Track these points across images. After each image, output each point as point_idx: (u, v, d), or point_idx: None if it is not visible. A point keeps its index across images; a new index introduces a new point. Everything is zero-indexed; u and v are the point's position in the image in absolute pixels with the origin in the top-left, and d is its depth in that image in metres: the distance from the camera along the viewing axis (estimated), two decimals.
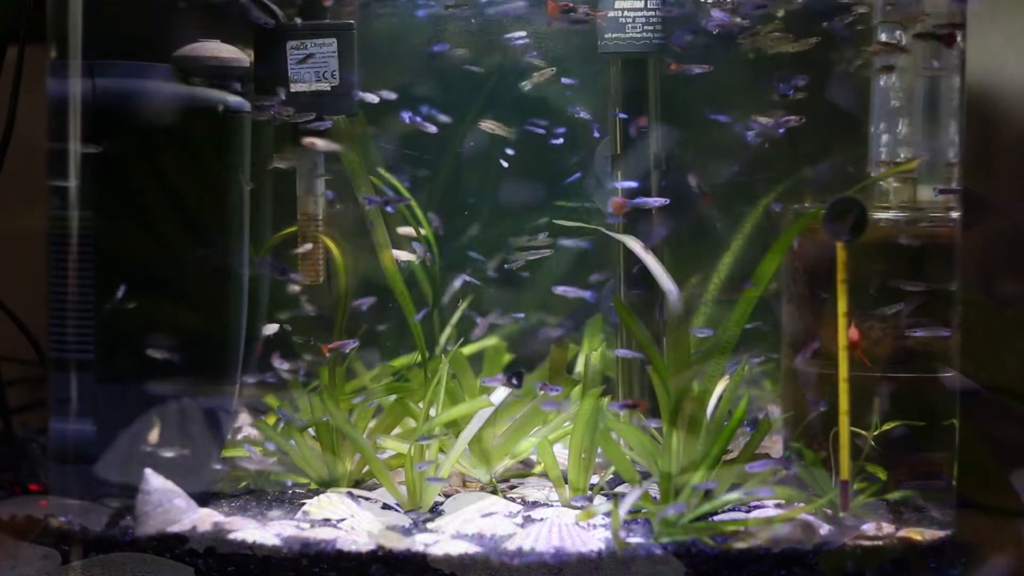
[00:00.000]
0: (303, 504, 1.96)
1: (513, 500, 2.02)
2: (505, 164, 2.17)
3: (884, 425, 1.95)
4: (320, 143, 2.03)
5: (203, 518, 1.85)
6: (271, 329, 2.05)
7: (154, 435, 1.90)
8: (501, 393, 2.14)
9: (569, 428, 2.04)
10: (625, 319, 1.97)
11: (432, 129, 2.09)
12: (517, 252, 2.09)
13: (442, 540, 1.81)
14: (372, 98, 2.05)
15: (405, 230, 2.13)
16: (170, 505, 1.84)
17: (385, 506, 1.98)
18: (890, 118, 2.05)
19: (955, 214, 2.01)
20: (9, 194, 2.39)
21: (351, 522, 1.90)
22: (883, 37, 2.03)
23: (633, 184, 2.08)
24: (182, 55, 1.96)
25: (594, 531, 1.85)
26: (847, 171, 2.12)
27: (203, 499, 1.91)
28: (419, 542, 1.79)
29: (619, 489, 2.05)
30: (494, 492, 2.04)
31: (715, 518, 1.91)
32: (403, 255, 2.10)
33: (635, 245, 2.00)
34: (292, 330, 2.10)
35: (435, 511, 1.98)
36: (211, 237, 1.94)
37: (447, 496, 2.03)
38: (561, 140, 2.16)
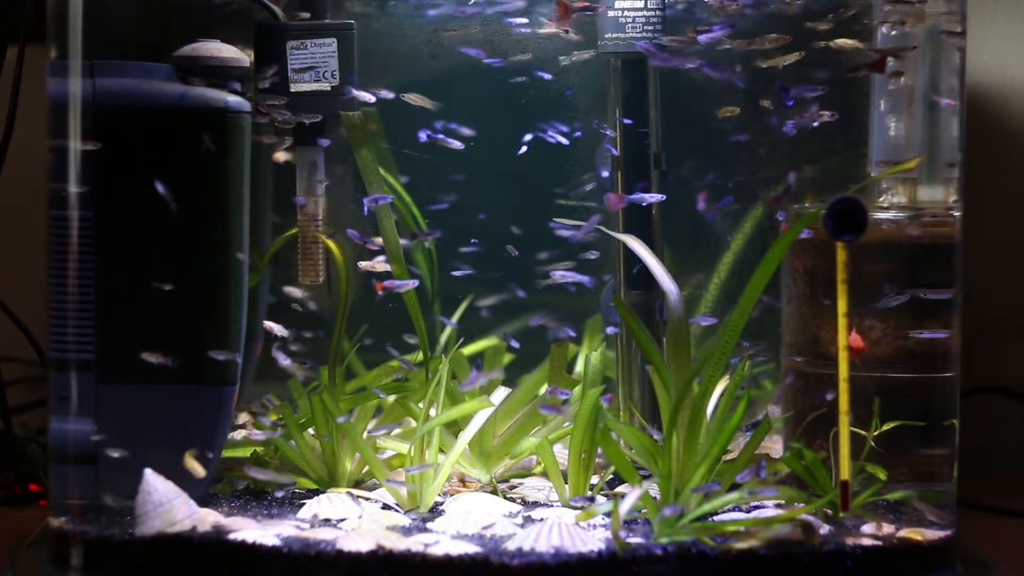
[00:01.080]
0: (303, 504, 1.96)
1: (513, 500, 2.02)
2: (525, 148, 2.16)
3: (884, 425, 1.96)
4: (282, 158, 2.04)
5: (203, 518, 1.85)
6: (282, 331, 2.05)
7: (197, 470, 1.91)
8: (500, 393, 2.14)
9: (569, 428, 2.03)
10: (626, 319, 1.96)
11: (458, 145, 2.08)
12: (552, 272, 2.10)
13: (442, 540, 1.81)
14: (368, 97, 2.04)
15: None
16: (170, 505, 1.84)
17: (385, 506, 1.98)
18: (890, 118, 2.05)
19: (956, 213, 2.01)
20: (9, 194, 2.39)
21: (351, 522, 1.90)
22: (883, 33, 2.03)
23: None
24: (182, 55, 1.96)
25: (594, 531, 1.85)
26: (846, 172, 2.12)
27: (203, 499, 1.91)
28: (419, 542, 1.79)
29: (619, 489, 2.05)
30: (494, 492, 2.04)
31: (715, 518, 1.91)
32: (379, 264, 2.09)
33: (636, 244, 2.00)
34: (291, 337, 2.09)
35: (435, 511, 1.98)
36: (211, 237, 1.94)
37: (447, 496, 2.03)
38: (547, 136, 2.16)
